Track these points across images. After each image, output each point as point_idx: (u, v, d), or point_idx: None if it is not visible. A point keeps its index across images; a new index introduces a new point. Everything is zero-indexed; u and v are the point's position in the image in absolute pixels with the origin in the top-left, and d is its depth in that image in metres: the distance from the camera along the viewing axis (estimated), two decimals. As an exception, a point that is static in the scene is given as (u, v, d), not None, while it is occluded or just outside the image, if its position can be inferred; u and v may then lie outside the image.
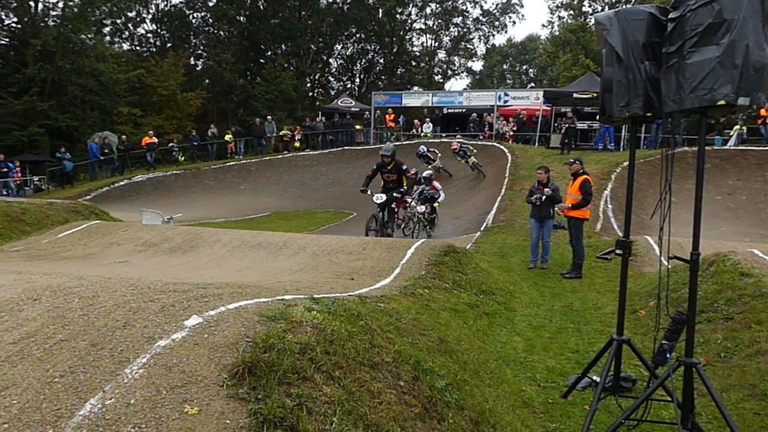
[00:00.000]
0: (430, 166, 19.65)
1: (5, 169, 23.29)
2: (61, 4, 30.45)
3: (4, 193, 21.39)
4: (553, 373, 5.13)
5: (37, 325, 2.71)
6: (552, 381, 4.96)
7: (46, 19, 30.85)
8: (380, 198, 10.85)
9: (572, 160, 9.90)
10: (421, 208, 13.40)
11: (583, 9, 41.70)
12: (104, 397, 2.18)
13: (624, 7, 3.87)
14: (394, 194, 11.12)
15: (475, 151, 20.90)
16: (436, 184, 14.26)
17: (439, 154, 21.86)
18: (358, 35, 49.22)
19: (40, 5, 30.65)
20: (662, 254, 3.69)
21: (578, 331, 6.41)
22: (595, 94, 20.86)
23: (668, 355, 3.76)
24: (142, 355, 2.44)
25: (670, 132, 3.82)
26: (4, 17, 30.37)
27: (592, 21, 26.69)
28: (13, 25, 30.50)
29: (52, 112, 28.86)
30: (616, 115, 3.73)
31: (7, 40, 30.56)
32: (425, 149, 21.58)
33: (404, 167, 11.41)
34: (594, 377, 4.71)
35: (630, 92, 3.64)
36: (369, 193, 10.96)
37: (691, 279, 3.54)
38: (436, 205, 13.89)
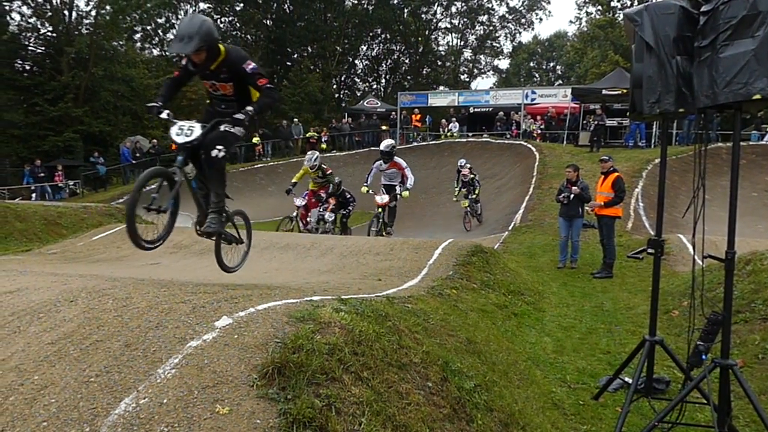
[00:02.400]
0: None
1: (42, 174, 23.99)
2: (93, 13, 31.23)
3: (33, 197, 21.99)
4: (584, 375, 5.06)
5: (73, 326, 2.78)
6: (583, 382, 4.89)
7: (80, 28, 31.63)
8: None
9: (606, 158, 9.75)
10: (330, 216, 11.99)
11: (612, 4, 40.90)
12: (138, 397, 2.23)
13: (654, 1, 3.79)
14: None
15: (477, 191, 16.85)
16: (400, 161, 11.40)
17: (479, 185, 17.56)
18: (383, 36, 49.27)
19: (74, 14, 31.48)
20: (696, 253, 3.61)
21: (609, 332, 6.31)
22: (624, 91, 20.50)
23: (704, 357, 3.67)
24: (174, 355, 2.49)
25: (703, 128, 3.73)
26: (40, 27, 31.29)
27: (622, 16, 26.25)
28: (49, 34, 31.37)
29: (86, 117, 29.60)
30: (647, 111, 3.66)
31: (43, 48, 31.45)
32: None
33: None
34: (626, 379, 4.63)
35: (661, 88, 3.57)
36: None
37: (727, 278, 3.46)
38: (405, 194, 11.10)
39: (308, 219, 11.89)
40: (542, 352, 5.57)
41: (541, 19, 73.42)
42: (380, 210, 10.53)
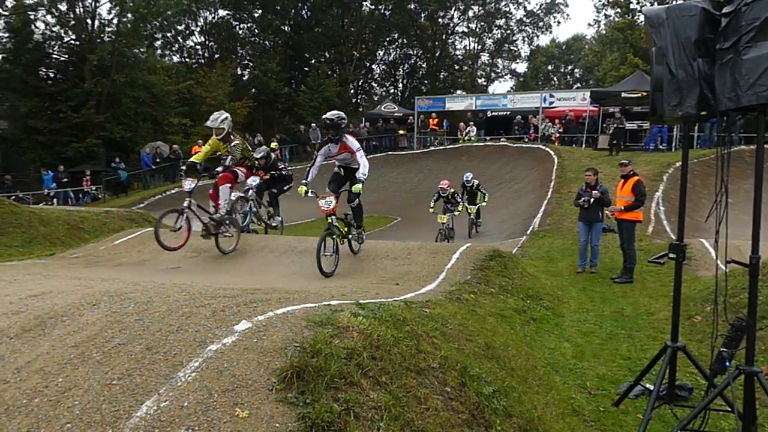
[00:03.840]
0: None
1: (65, 180, 24.42)
2: (115, 21, 31.78)
3: (54, 202, 22.32)
4: (604, 381, 5.00)
5: (96, 329, 2.83)
6: (603, 388, 4.83)
7: (102, 36, 32.17)
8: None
9: (626, 161, 9.66)
10: (253, 180, 9.18)
11: (631, 6, 40.51)
12: (159, 400, 2.25)
13: (675, 2, 3.74)
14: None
15: (460, 208, 14.55)
16: (351, 142, 7.43)
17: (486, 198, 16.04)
18: (400, 40, 49.37)
19: (97, 23, 32.05)
20: (719, 258, 3.55)
21: (630, 338, 6.22)
22: (644, 94, 20.26)
23: (727, 363, 3.61)
24: (194, 358, 2.51)
25: (726, 131, 3.67)
26: (63, 35, 31.91)
27: (641, 18, 25.92)
28: (72, 42, 31.96)
29: (107, 123, 30.05)
30: (668, 114, 3.61)
31: (67, 56, 32.03)
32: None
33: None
34: (647, 385, 4.56)
35: (682, 91, 3.52)
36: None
37: (751, 284, 3.39)
38: (357, 188, 7.30)
39: (219, 203, 8.16)
40: (561, 358, 5.51)
41: (559, 23, 72.67)
42: (330, 219, 7.10)
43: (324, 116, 7.40)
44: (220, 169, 8.37)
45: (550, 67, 61.45)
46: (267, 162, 10.62)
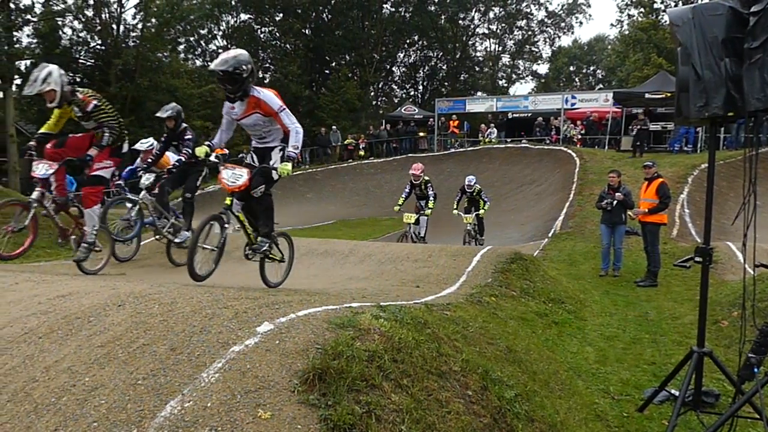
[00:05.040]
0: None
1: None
2: (140, 26, 32.37)
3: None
4: (628, 386, 4.93)
5: (122, 330, 2.87)
6: (627, 394, 4.76)
7: (127, 40, 32.84)
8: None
9: (650, 163, 9.52)
10: (147, 179, 7.18)
11: (655, 6, 39.94)
12: (183, 400, 2.28)
13: (701, 1, 3.68)
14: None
15: (431, 206, 11.53)
16: (267, 97, 5.10)
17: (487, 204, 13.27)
18: (420, 43, 49.33)
19: (122, 28, 32.71)
20: (746, 261, 3.48)
21: (654, 342, 6.13)
22: (668, 94, 19.98)
23: (756, 370, 3.53)
24: (218, 359, 2.54)
25: (754, 132, 3.60)
26: (89, 40, 32.60)
27: (666, 18, 25.53)
28: (98, 47, 32.64)
29: (132, 127, 30.57)
30: (694, 115, 3.55)
31: (93, 61, 32.72)
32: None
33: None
34: (673, 391, 4.48)
35: (708, 91, 3.46)
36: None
37: (781, 288, 3.32)
38: (284, 169, 4.99)
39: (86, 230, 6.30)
40: (584, 362, 5.45)
41: (581, 23, 72.15)
42: (230, 200, 5.06)
43: (211, 67, 4.98)
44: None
45: (572, 68, 60.88)
46: (176, 125, 7.43)
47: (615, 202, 9.44)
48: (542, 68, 58.03)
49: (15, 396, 2.42)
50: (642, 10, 41.39)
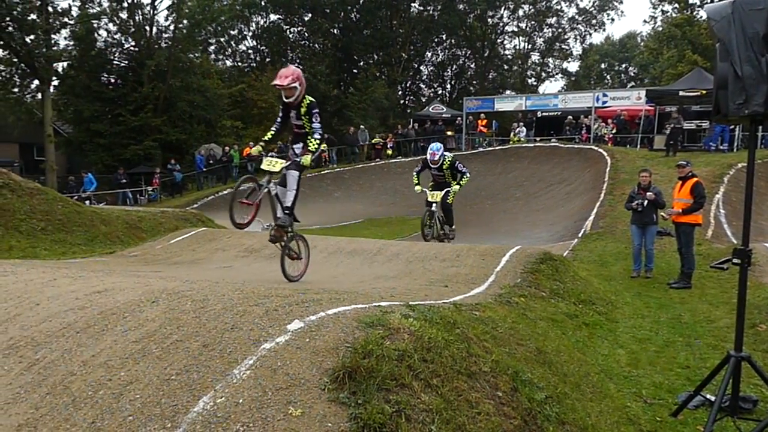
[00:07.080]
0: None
1: (124, 181, 25.45)
2: (172, 27, 32.95)
3: (95, 201, 23.06)
4: (661, 390, 4.82)
5: (156, 326, 2.92)
6: (660, 398, 4.66)
7: (159, 42, 33.45)
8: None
9: (685, 162, 9.30)
10: None
11: (690, 1, 38.98)
12: (215, 396, 2.31)
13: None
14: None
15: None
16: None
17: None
18: (448, 41, 49.11)
19: (155, 29, 33.36)
20: (788, 264, 3.37)
21: (688, 345, 5.99)
22: (704, 92, 19.50)
23: (797, 376, 3.42)
24: (249, 356, 2.57)
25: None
26: (123, 42, 33.34)
27: (702, 14, 24.93)
28: (132, 48, 33.35)
29: (164, 126, 31.17)
30: (733, 113, 3.46)
31: (126, 62, 33.46)
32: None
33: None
34: (708, 396, 4.37)
35: (748, 89, 3.37)
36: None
37: (824, 292, 3.21)
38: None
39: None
40: (616, 365, 5.36)
41: (612, 20, 70.88)
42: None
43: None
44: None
45: (603, 66, 59.88)
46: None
47: (646, 202, 9.24)
48: (572, 66, 57.32)
49: (54, 389, 2.49)
50: (676, 5, 40.46)
